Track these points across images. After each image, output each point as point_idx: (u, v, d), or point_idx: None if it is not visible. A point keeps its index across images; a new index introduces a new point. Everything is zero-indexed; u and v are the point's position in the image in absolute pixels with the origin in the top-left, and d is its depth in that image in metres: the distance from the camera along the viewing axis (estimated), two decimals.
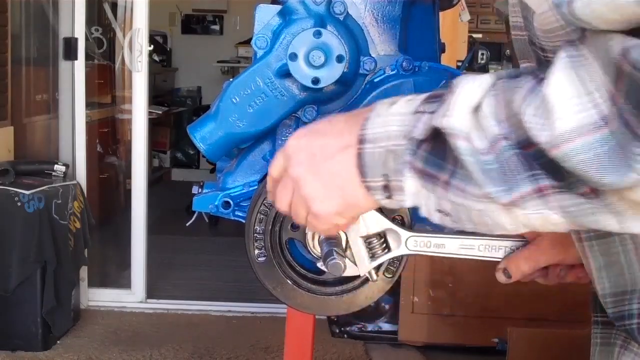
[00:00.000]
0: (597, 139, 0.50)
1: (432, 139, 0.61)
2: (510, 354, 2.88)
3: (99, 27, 4.46)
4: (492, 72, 0.60)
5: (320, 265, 0.77)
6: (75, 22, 3.62)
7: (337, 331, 3.33)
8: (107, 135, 4.47)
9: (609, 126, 0.50)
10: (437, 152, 0.61)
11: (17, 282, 3.01)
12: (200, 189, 0.90)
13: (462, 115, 0.58)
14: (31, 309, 3.08)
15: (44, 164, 3.41)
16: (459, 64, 2.93)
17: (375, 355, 3.20)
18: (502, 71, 0.61)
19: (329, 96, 0.82)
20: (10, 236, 3.00)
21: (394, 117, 0.64)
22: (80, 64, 3.64)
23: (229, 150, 0.86)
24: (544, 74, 0.55)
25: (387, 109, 0.66)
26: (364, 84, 0.83)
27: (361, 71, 0.82)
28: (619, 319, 0.71)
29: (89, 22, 4.02)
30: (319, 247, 0.79)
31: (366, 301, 0.84)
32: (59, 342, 3.22)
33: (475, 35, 4.02)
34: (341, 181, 0.68)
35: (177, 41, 7.47)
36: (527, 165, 0.55)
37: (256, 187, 0.85)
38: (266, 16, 0.83)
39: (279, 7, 0.82)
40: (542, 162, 0.54)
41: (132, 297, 3.74)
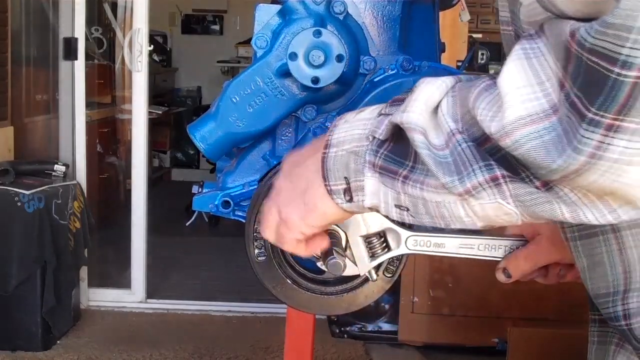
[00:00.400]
0: (545, 126, 0.51)
1: (393, 139, 0.62)
2: (510, 354, 2.88)
3: (99, 27, 4.46)
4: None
5: (320, 264, 0.77)
6: (75, 22, 3.62)
7: (337, 331, 3.33)
8: (107, 135, 4.47)
9: (557, 113, 0.51)
10: (398, 150, 0.62)
11: (17, 282, 3.01)
12: (200, 189, 0.90)
13: (419, 111, 0.59)
14: (31, 309, 3.08)
15: (44, 164, 3.41)
16: (459, 64, 2.93)
17: (375, 355, 3.21)
18: (464, 75, 0.63)
19: (328, 96, 0.82)
20: (10, 236, 3.00)
21: (359, 122, 0.66)
22: (80, 64, 3.64)
23: (229, 149, 0.86)
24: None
25: (354, 115, 0.67)
26: (364, 83, 0.83)
27: (361, 71, 0.82)
28: (610, 320, 0.71)
29: (89, 22, 4.02)
30: None
31: (366, 301, 0.84)
32: (59, 342, 3.22)
33: (475, 35, 4.02)
34: (305, 184, 0.68)
35: (177, 41, 7.47)
36: (481, 156, 0.56)
37: (256, 186, 0.85)
38: (266, 16, 0.83)
39: (278, 7, 0.82)
40: (496, 157, 0.55)
41: (132, 297, 3.74)
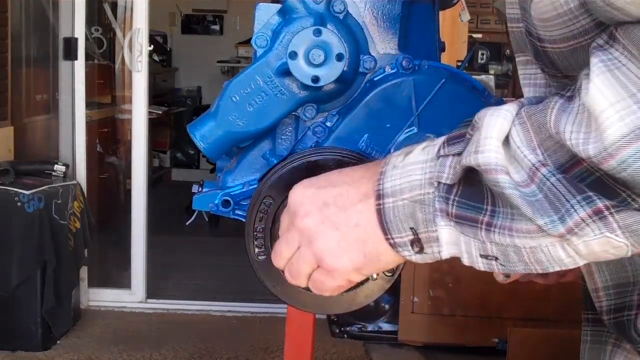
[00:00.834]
0: None
1: (462, 182, 0.58)
2: (510, 354, 2.88)
3: (99, 27, 4.46)
4: (513, 102, 0.57)
5: None
6: (75, 22, 3.63)
7: (337, 331, 3.33)
8: (107, 135, 4.47)
9: None
10: (470, 194, 0.57)
11: (17, 282, 3.01)
12: (200, 188, 0.90)
13: (495, 149, 0.54)
14: (31, 309, 3.08)
15: (44, 164, 3.41)
16: (459, 64, 2.93)
17: (375, 355, 3.21)
18: (522, 99, 0.58)
19: (328, 95, 0.82)
20: (10, 236, 3.00)
21: (413, 167, 0.60)
22: (80, 64, 3.65)
23: (229, 149, 0.86)
24: (570, 92, 0.53)
25: (402, 159, 0.62)
26: (364, 82, 0.83)
27: (361, 70, 0.82)
28: (617, 310, 0.71)
29: (89, 22, 4.02)
30: None
31: (366, 300, 0.84)
32: (59, 342, 3.22)
33: (475, 35, 4.02)
34: (363, 234, 0.62)
35: (177, 41, 7.47)
36: (575, 188, 0.52)
37: (256, 185, 0.85)
38: (266, 15, 0.83)
39: (279, 6, 0.82)
40: (589, 182, 0.51)
41: (132, 297, 3.75)
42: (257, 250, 0.82)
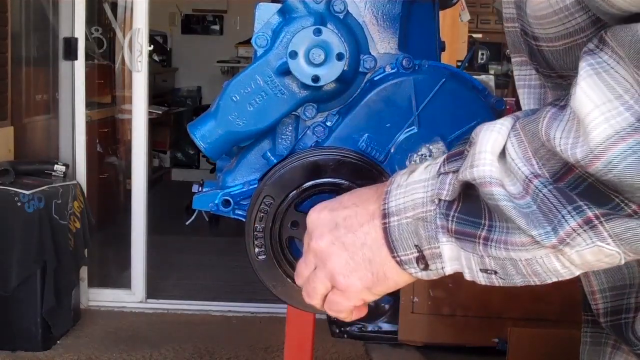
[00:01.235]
0: (637, 141, 0.48)
1: (461, 198, 0.59)
2: (510, 354, 2.88)
3: (99, 27, 4.46)
4: (508, 116, 0.57)
5: None
6: (75, 22, 3.63)
7: (337, 331, 3.33)
8: (107, 135, 4.47)
9: None
10: (469, 210, 0.58)
11: (17, 282, 3.01)
12: (200, 188, 0.90)
13: (490, 162, 0.55)
14: (31, 309, 3.08)
15: (44, 164, 3.41)
16: (459, 64, 2.93)
17: (375, 355, 3.21)
18: (519, 112, 0.59)
19: (328, 94, 0.82)
20: (10, 236, 3.00)
21: (416, 185, 0.62)
22: (80, 64, 3.65)
23: (229, 148, 0.86)
24: (564, 102, 0.53)
25: (406, 178, 0.63)
26: (364, 82, 0.83)
27: (361, 69, 0.82)
28: (615, 313, 0.71)
29: (89, 22, 4.02)
30: None
31: None
32: (59, 342, 3.22)
33: (475, 35, 4.03)
34: (370, 254, 0.64)
35: (177, 41, 7.47)
36: (567, 198, 0.52)
37: (256, 185, 0.85)
38: (266, 14, 0.83)
39: (279, 6, 0.82)
40: (581, 190, 0.52)
41: (132, 297, 3.75)
42: (257, 250, 0.82)
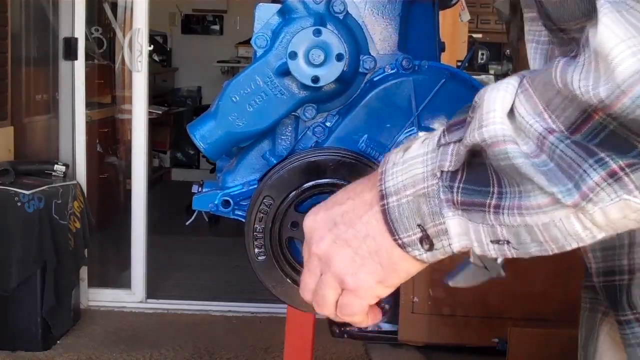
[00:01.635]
0: None
1: (465, 168, 0.55)
2: (510, 354, 2.88)
3: (99, 27, 4.46)
4: (513, 75, 0.55)
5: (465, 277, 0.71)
6: (75, 22, 3.62)
7: (337, 331, 3.33)
8: (107, 135, 4.47)
9: None
10: (475, 178, 0.55)
11: (17, 282, 3.01)
12: (200, 188, 0.90)
13: (500, 120, 0.52)
14: (31, 309, 3.08)
15: (44, 164, 3.41)
16: (459, 64, 2.93)
17: (375, 355, 3.20)
18: (523, 71, 0.56)
19: (328, 95, 0.82)
20: (10, 236, 3.00)
21: (413, 161, 0.58)
22: (80, 64, 3.64)
23: (229, 149, 0.86)
24: (574, 52, 0.50)
25: (402, 155, 0.60)
26: (364, 82, 0.83)
27: (361, 70, 0.82)
28: (610, 274, 0.70)
29: (89, 22, 4.02)
30: None
31: None
32: (59, 342, 3.22)
33: (475, 35, 4.02)
34: (374, 245, 0.61)
35: (177, 41, 7.47)
36: (586, 151, 0.49)
37: (256, 185, 0.85)
38: (266, 15, 0.83)
39: (278, 6, 0.82)
40: (601, 139, 0.48)
41: (132, 297, 3.74)
42: (257, 250, 0.82)
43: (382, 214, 0.60)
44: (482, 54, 4.04)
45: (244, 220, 0.84)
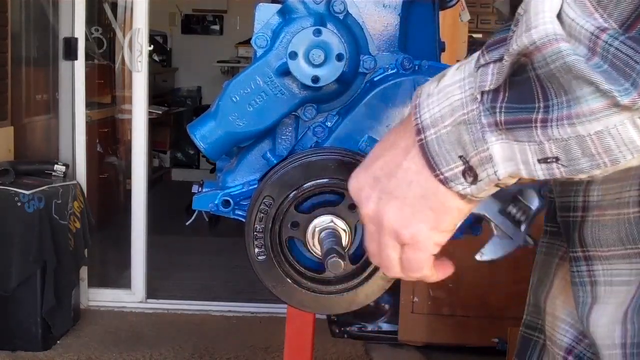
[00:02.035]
0: None
1: (507, 87, 0.52)
2: (510, 354, 2.88)
3: (99, 27, 4.46)
4: None
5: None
6: (75, 22, 3.63)
7: (337, 331, 3.33)
8: (107, 135, 4.48)
9: None
10: (519, 95, 0.51)
11: (17, 282, 3.01)
12: (200, 188, 0.90)
13: (550, 19, 0.48)
14: (31, 309, 3.08)
15: (44, 164, 3.41)
16: None
17: (375, 355, 3.21)
18: None
19: (328, 95, 0.82)
20: (10, 236, 3.00)
21: (450, 88, 0.55)
22: (80, 64, 3.65)
23: (229, 149, 0.86)
24: None
25: (436, 85, 0.56)
26: (364, 82, 0.83)
27: (361, 70, 0.82)
28: (565, 209, 0.70)
29: (89, 22, 4.02)
30: (319, 246, 0.79)
31: (366, 300, 0.84)
32: (59, 342, 3.22)
33: (475, 35, 4.02)
34: (419, 189, 0.57)
35: (177, 41, 7.48)
36: None
37: (256, 185, 0.85)
38: (266, 15, 0.83)
39: (278, 6, 0.82)
40: None
41: (132, 297, 3.75)
42: (257, 250, 0.82)
43: (420, 149, 0.56)
44: None
45: (244, 220, 0.84)
